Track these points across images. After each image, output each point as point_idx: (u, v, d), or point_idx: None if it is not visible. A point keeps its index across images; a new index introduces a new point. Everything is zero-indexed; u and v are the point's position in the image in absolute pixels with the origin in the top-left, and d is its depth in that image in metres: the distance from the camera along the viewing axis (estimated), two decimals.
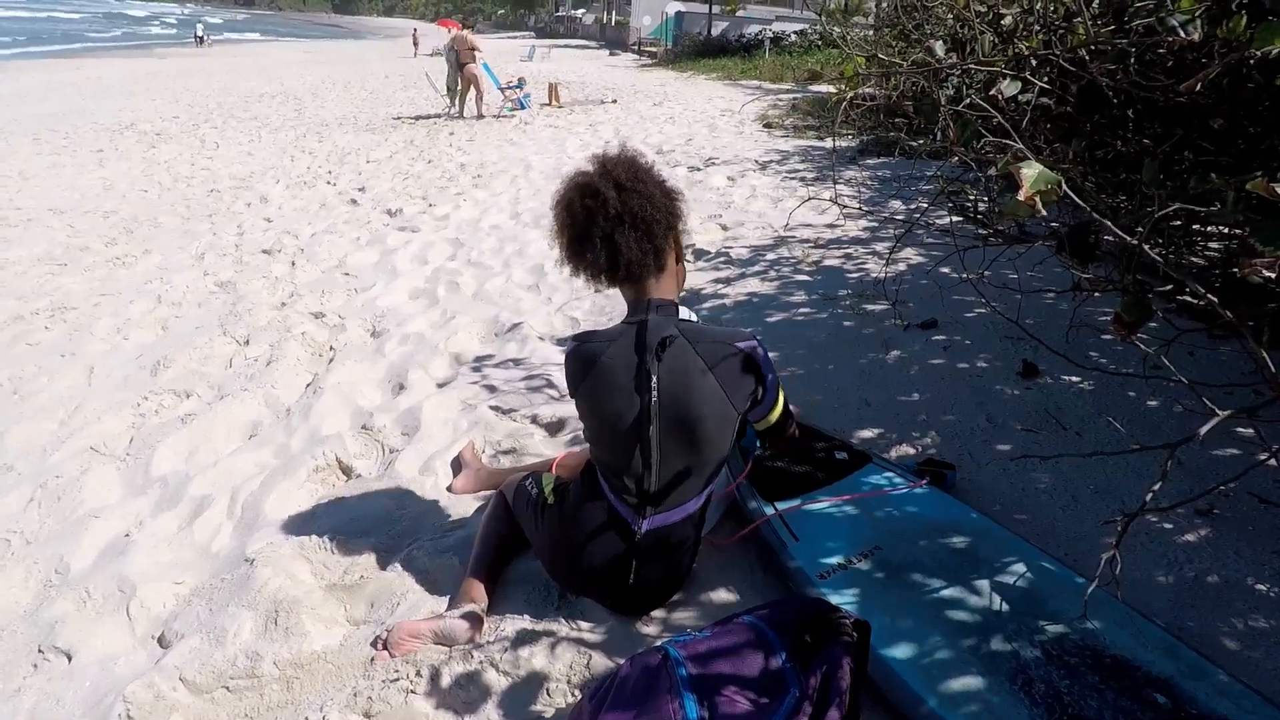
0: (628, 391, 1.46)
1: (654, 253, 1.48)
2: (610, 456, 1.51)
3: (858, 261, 3.80)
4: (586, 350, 1.52)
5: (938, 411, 2.34)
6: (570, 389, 1.56)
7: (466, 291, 3.84)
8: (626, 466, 1.48)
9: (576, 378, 1.53)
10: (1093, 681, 1.27)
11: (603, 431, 1.51)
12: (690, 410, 1.45)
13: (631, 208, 1.44)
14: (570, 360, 1.54)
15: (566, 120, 10.02)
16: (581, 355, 1.52)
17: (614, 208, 1.43)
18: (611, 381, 1.47)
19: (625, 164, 1.49)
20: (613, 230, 1.44)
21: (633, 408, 1.46)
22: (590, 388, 1.50)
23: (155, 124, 10.54)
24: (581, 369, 1.51)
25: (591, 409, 1.52)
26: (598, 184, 1.45)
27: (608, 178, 1.46)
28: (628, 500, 1.50)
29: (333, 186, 6.51)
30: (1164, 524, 1.78)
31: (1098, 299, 2.73)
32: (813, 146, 7.24)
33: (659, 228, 1.47)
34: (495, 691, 1.44)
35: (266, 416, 2.68)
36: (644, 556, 1.52)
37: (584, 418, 1.57)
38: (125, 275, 4.36)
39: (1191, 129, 1.87)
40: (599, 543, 1.52)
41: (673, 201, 1.51)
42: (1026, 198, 0.99)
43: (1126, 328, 1.22)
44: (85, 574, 1.91)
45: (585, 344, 1.53)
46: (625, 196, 1.44)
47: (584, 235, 1.46)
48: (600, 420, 1.51)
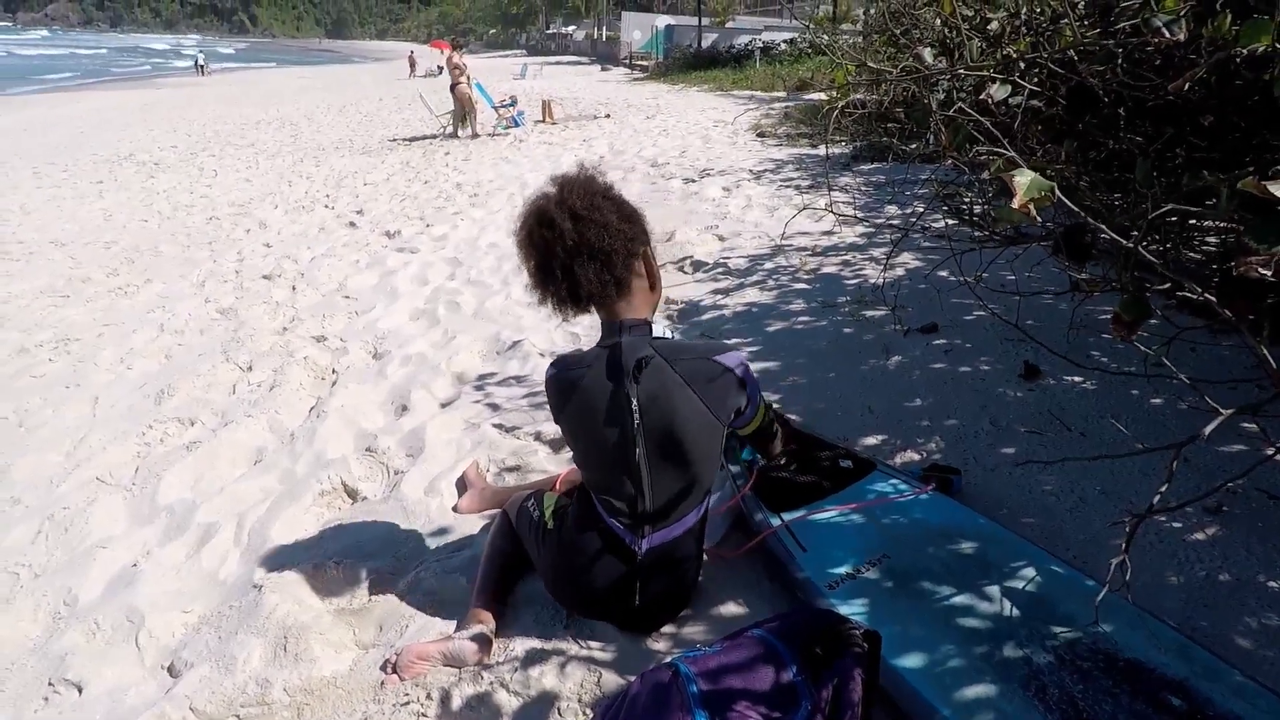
0: (609, 416, 1.45)
1: (614, 283, 1.44)
2: (601, 479, 1.51)
3: (855, 268, 3.81)
4: (565, 377, 1.51)
5: (941, 416, 2.34)
6: (554, 415, 1.56)
7: (467, 310, 3.85)
8: (618, 488, 1.48)
9: (558, 405, 1.53)
10: (1106, 685, 1.26)
11: (589, 456, 1.52)
12: (674, 428, 1.44)
13: (588, 239, 1.39)
14: (550, 388, 1.54)
15: (561, 136, 10.08)
16: (560, 382, 1.51)
17: (570, 239, 1.39)
18: (592, 406, 1.47)
19: (581, 189, 1.44)
20: (571, 262, 1.40)
21: (615, 431, 1.45)
22: (572, 414, 1.50)
23: (154, 154, 10.62)
24: (561, 396, 1.51)
25: (575, 434, 1.53)
26: (553, 213, 1.41)
27: (563, 206, 1.41)
28: (624, 521, 1.49)
29: (331, 210, 6.54)
30: (1173, 523, 1.77)
31: (1097, 298, 2.73)
32: (806, 154, 7.28)
33: (618, 257, 1.42)
34: (506, 712, 1.44)
35: (271, 442, 2.68)
36: (647, 575, 1.51)
37: (570, 443, 1.58)
38: (127, 305, 4.38)
39: (1182, 127, 1.88)
40: (600, 566, 1.52)
41: (632, 225, 1.46)
42: (1020, 205, 1.00)
43: (1126, 327, 1.22)
44: (94, 605, 1.91)
45: (563, 370, 1.52)
46: (581, 227, 1.39)
47: (545, 267, 1.43)
48: (585, 445, 1.51)
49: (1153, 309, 1.23)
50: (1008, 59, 1.96)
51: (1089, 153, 2.20)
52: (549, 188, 1.48)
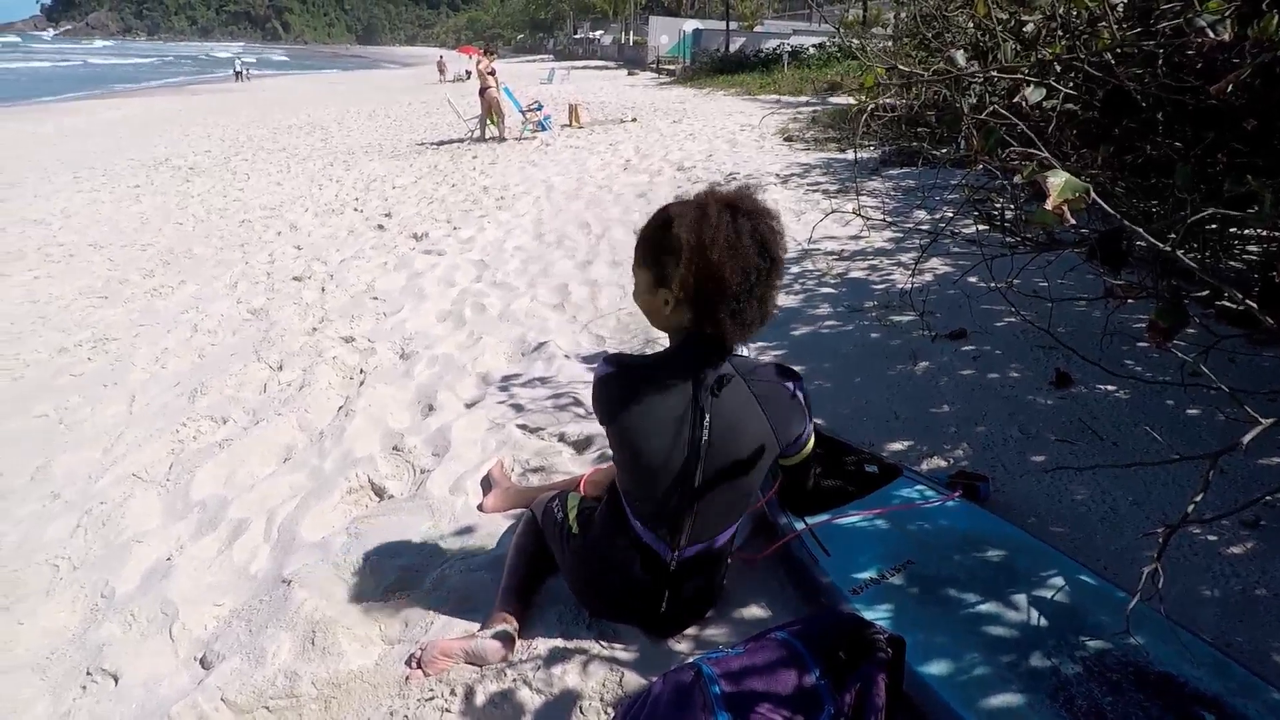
0: (676, 428, 1.38)
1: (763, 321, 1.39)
2: (644, 489, 1.44)
3: (883, 273, 3.78)
4: (630, 377, 1.42)
5: (969, 423, 2.31)
6: (604, 416, 1.45)
7: (492, 312, 3.89)
8: (662, 500, 1.42)
9: (614, 405, 1.41)
10: (1137, 699, 1.23)
11: (639, 464, 1.42)
12: (740, 449, 1.40)
13: (774, 283, 1.36)
14: (609, 385, 1.43)
15: (587, 140, 10.13)
16: (622, 383, 1.42)
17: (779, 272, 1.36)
18: (658, 415, 1.39)
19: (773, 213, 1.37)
20: (767, 294, 1.35)
21: (680, 445, 1.39)
22: (632, 419, 1.40)
23: (189, 158, 10.87)
24: (622, 397, 1.41)
25: (629, 441, 1.42)
26: (772, 245, 1.33)
27: (774, 235, 1.34)
28: (660, 534, 1.45)
29: (360, 213, 6.64)
30: (1208, 535, 1.74)
31: (1131, 306, 2.68)
32: (834, 159, 7.23)
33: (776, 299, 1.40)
34: (529, 710, 1.45)
35: (300, 440, 2.73)
36: (676, 584, 1.50)
37: (618, 448, 1.45)
38: (163, 306, 4.48)
39: (1224, 131, 1.84)
40: (628, 575, 1.50)
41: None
42: (1054, 207, 0.99)
43: (1162, 335, 1.20)
44: (130, 597, 1.96)
45: (628, 370, 1.43)
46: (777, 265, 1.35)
47: (746, 291, 1.31)
48: (637, 454, 1.41)
49: (1190, 316, 1.20)
50: (1043, 62, 1.94)
51: (1125, 157, 2.17)
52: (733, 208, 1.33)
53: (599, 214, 5.77)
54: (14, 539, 2.26)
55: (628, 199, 6.20)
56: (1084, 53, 1.91)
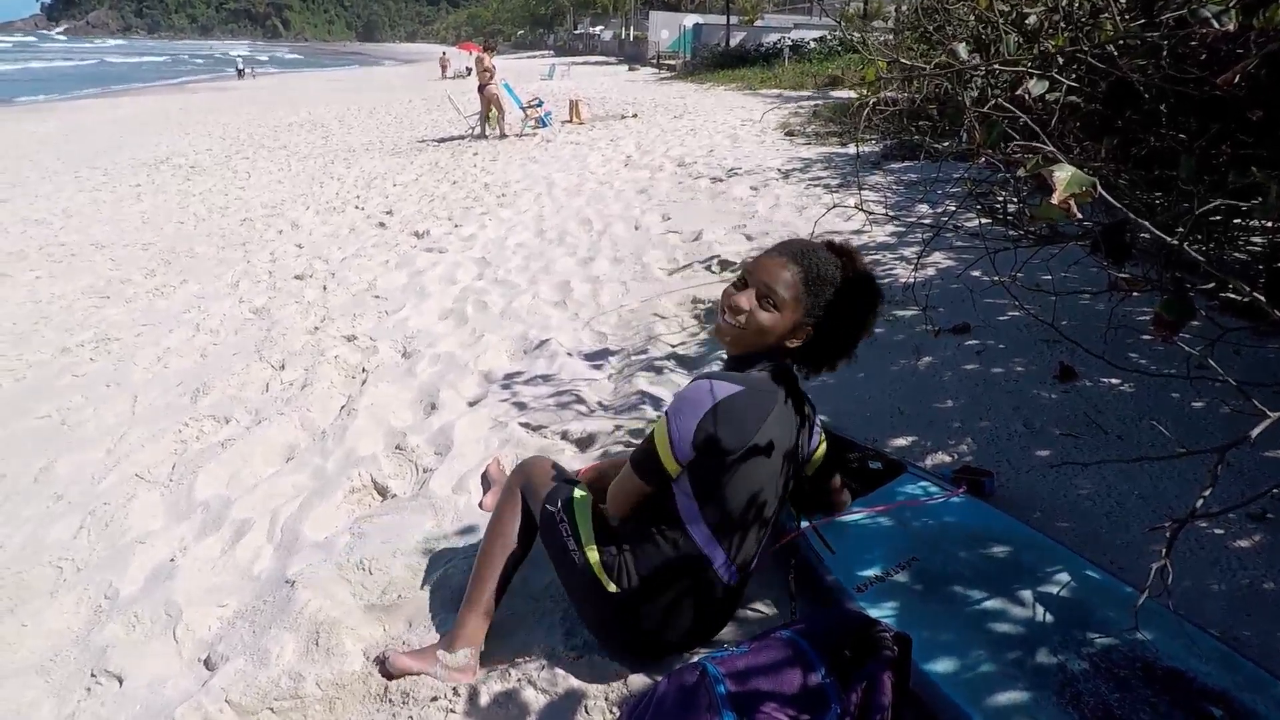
0: (789, 451, 1.46)
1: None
2: (742, 519, 1.40)
3: (886, 267, 3.76)
4: (759, 404, 1.39)
5: (973, 418, 2.30)
6: (734, 441, 1.36)
7: (494, 310, 3.88)
8: (753, 524, 1.42)
9: (748, 429, 1.36)
10: (1145, 694, 1.23)
11: (745, 493, 1.39)
12: (803, 466, 1.55)
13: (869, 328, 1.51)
14: (739, 405, 1.36)
15: (588, 136, 10.11)
16: (754, 406, 1.38)
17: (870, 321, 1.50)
18: (779, 439, 1.42)
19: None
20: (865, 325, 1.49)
21: (787, 467, 1.47)
22: (756, 444, 1.38)
23: (189, 157, 10.87)
24: (755, 421, 1.37)
25: (741, 471, 1.38)
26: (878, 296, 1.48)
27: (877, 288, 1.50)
28: (736, 560, 1.44)
29: (361, 211, 6.63)
30: (1215, 530, 1.73)
31: (1136, 299, 2.67)
32: (835, 153, 7.21)
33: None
34: (534, 710, 1.44)
35: (303, 439, 2.73)
36: (729, 602, 1.51)
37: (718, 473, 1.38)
38: (165, 305, 4.48)
39: (1229, 122, 1.83)
40: (694, 614, 1.46)
41: None
42: (1060, 201, 0.97)
43: (1168, 328, 1.19)
44: (134, 598, 1.96)
45: (748, 395, 1.38)
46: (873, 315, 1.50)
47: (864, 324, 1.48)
48: (748, 483, 1.39)
49: (1195, 308, 1.19)
50: (1045, 54, 1.92)
51: (1129, 150, 2.15)
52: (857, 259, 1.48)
53: (600, 210, 5.76)
54: (18, 541, 2.26)
55: (629, 195, 6.18)
56: (1087, 44, 1.89)
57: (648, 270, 4.23)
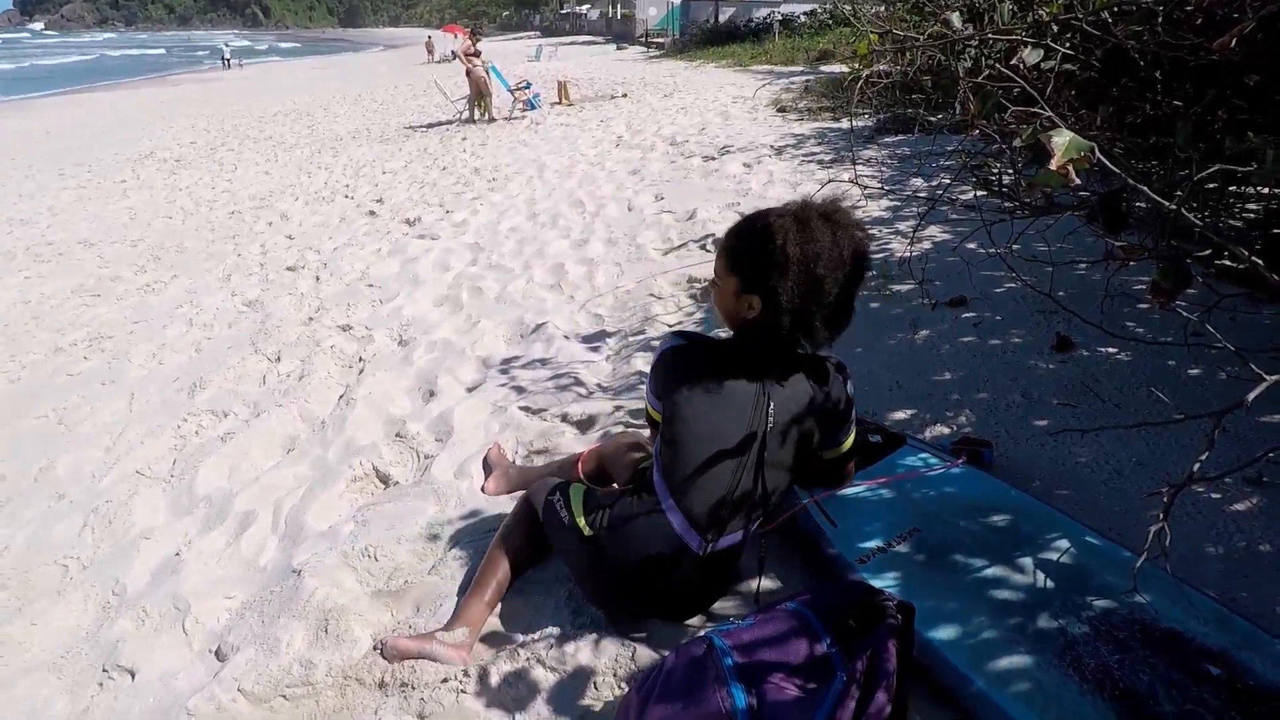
0: (738, 411, 1.40)
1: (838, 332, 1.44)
2: (691, 473, 1.41)
3: (881, 242, 3.76)
4: (696, 353, 1.45)
5: (971, 390, 2.32)
6: (662, 387, 1.46)
7: (489, 295, 3.87)
8: (708, 486, 1.41)
9: (675, 378, 1.44)
10: (1143, 655, 1.25)
11: (692, 445, 1.42)
12: (793, 438, 1.43)
13: (852, 293, 1.42)
14: (671, 358, 1.46)
15: (578, 118, 10.03)
16: (689, 357, 1.44)
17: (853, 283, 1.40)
18: (722, 396, 1.41)
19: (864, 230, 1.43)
20: (848, 299, 1.40)
21: (739, 429, 1.40)
22: (694, 396, 1.42)
23: (174, 151, 10.76)
24: (684, 372, 1.43)
25: (686, 419, 1.42)
26: (867, 258, 1.40)
27: (868, 247, 1.41)
28: (695, 520, 1.42)
29: (351, 200, 6.59)
30: (1212, 494, 1.74)
31: (1132, 268, 2.67)
32: (828, 128, 7.17)
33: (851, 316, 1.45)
34: (544, 688, 1.46)
35: (302, 430, 2.73)
36: (702, 574, 1.48)
37: (671, 423, 1.44)
38: (156, 301, 4.46)
39: (1225, 88, 1.82)
40: (654, 571, 1.46)
41: None
42: (1059, 167, 0.97)
43: (1165, 295, 1.19)
44: (141, 594, 1.97)
45: (696, 347, 1.46)
46: (856, 274, 1.40)
47: (843, 300, 1.39)
48: (692, 434, 1.42)
49: (1192, 274, 1.19)
50: (1040, 22, 1.91)
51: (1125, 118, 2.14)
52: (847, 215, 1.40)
53: (592, 192, 5.73)
54: (22, 541, 2.26)
55: (620, 176, 6.15)
56: (1081, 11, 1.88)
57: (642, 251, 4.22)
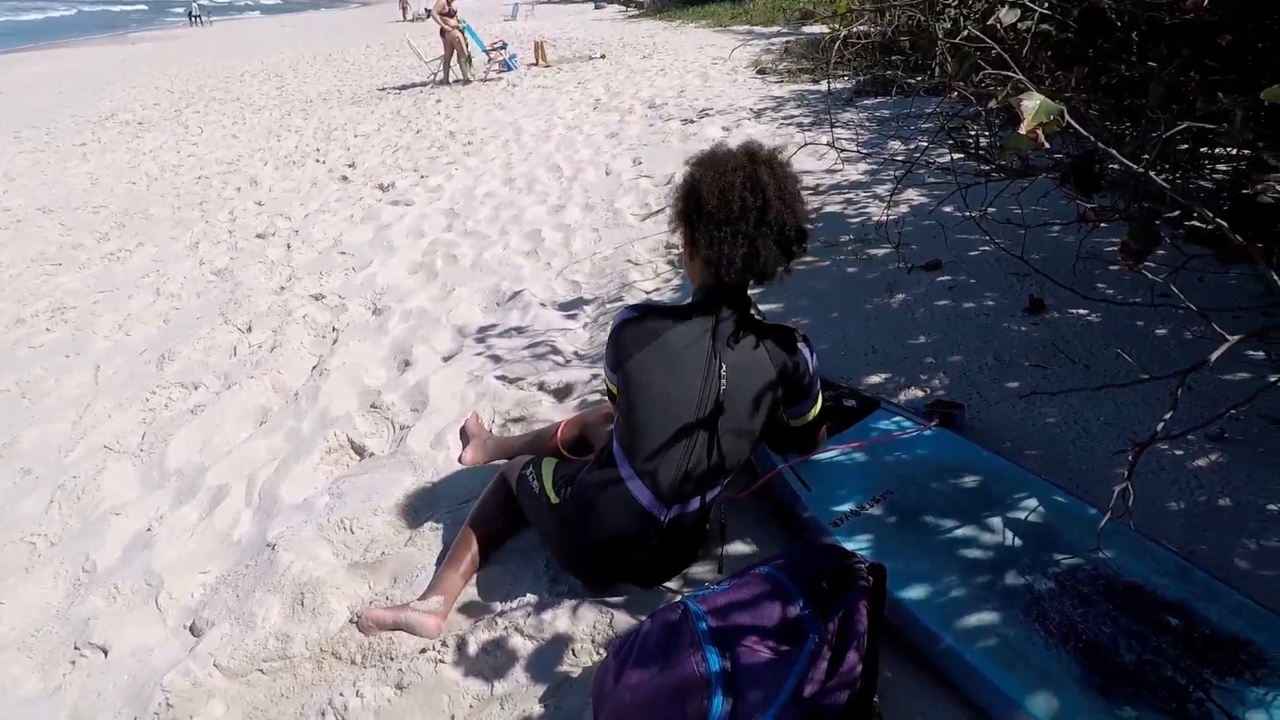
0: (691, 376, 1.41)
1: (778, 267, 1.44)
2: (646, 441, 1.43)
3: (859, 206, 3.74)
4: (648, 322, 1.46)
5: (945, 352, 2.33)
6: (615, 359, 1.49)
7: (465, 262, 3.82)
8: (665, 453, 1.41)
9: (630, 349, 1.46)
10: (1106, 609, 1.28)
11: (647, 413, 1.43)
12: (750, 403, 1.43)
13: (784, 221, 1.39)
14: (624, 330, 1.48)
15: (555, 79, 9.82)
16: (641, 326, 1.46)
17: (772, 215, 1.38)
18: (673, 362, 1.42)
19: (792, 179, 1.44)
20: (758, 235, 1.38)
21: (692, 394, 1.41)
22: (645, 363, 1.44)
23: (136, 112, 10.40)
24: (639, 341, 1.45)
25: (639, 386, 1.44)
26: (764, 187, 1.38)
27: (776, 187, 1.39)
28: (655, 489, 1.43)
29: (322, 164, 6.43)
30: (1175, 450, 1.78)
31: (1104, 230, 2.69)
32: (808, 90, 7.08)
33: (795, 249, 1.44)
34: (522, 655, 1.47)
35: (275, 402, 2.69)
36: (666, 542, 1.49)
37: (626, 393, 1.46)
38: (121, 270, 4.35)
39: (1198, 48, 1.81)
40: (616, 537, 1.47)
41: (804, 236, 1.45)
42: (1029, 131, 0.97)
43: (1134, 256, 1.20)
44: (112, 570, 1.95)
45: (648, 316, 1.48)
46: (784, 210, 1.39)
47: (730, 223, 1.37)
48: (647, 401, 1.43)
49: (1160, 236, 1.20)
50: None
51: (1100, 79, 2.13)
52: (745, 154, 1.43)
53: (570, 156, 5.64)
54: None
55: (598, 139, 6.05)
56: None
57: (620, 216, 4.17)
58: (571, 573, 1.62)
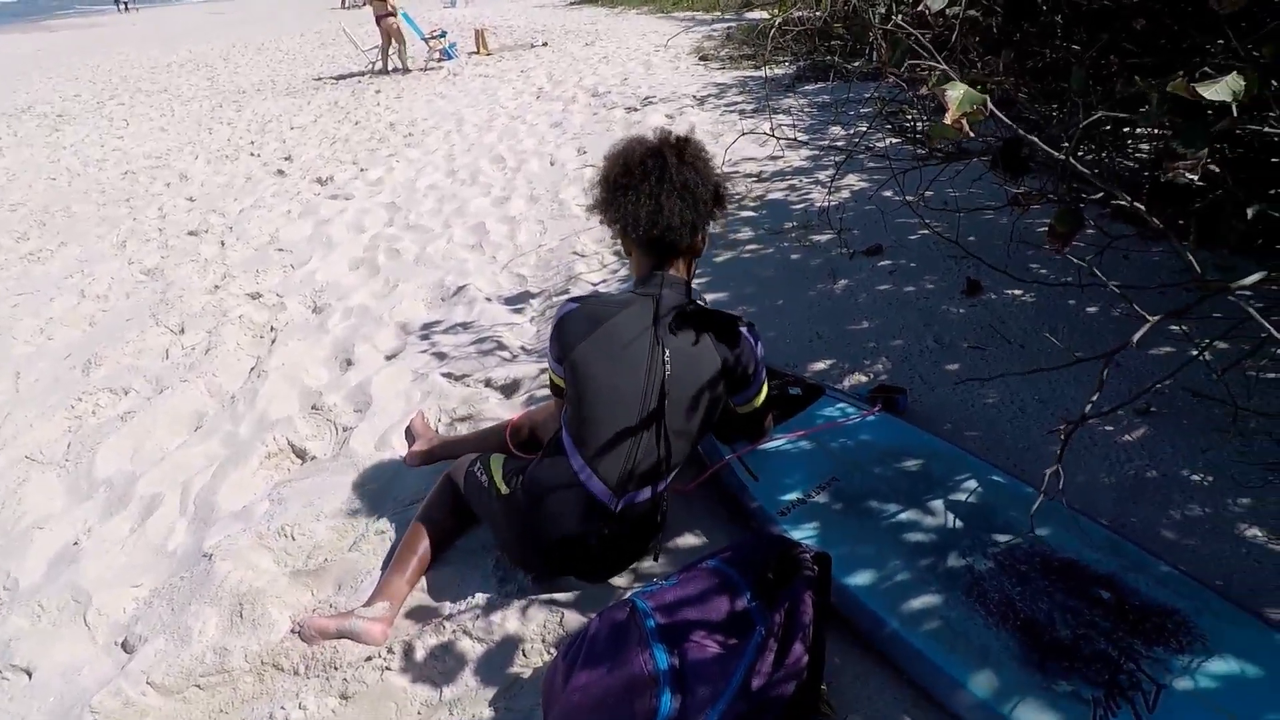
0: (634, 362, 1.42)
1: (691, 227, 1.48)
2: (595, 430, 1.43)
3: (802, 192, 3.77)
4: (591, 312, 1.48)
5: (887, 337, 2.37)
6: (560, 351, 1.50)
7: (408, 257, 3.73)
8: (613, 442, 1.41)
9: (573, 339, 1.47)
10: (1042, 586, 1.32)
11: (594, 402, 1.44)
12: (695, 389, 1.44)
13: (685, 177, 1.46)
14: (568, 321, 1.49)
15: (497, 68, 9.65)
16: (584, 316, 1.48)
17: (671, 172, 1.45)
18: (615, 350, 1.43)
19: (689, 140, 1.52)
20: (661, 190, 1.44)
21: (636, 381, 1.42)
22: (589, 353, 1.45)
23: (55, 105, 9.87)
24: (579, 332, 1.46)
25: (585, 376, 1.45)
26: (663, 149, 1.47)
27: (671, 145, 1.48)
28: (605, 478, 1.43)
29: (256, 158, 6.20)
30: (1106, 426, 1.84)
31: (1036, 210, 2.76)
32: (750, 77, 7.10)
33: (703, 205, 1.49)
34: (471, 659, 1.45)
35: (211, 406, 2.59)
36: (616, 532, 1.48)
37: (572, 384, 1.47)
38: (42, 271, 4.12)
39: (1116, 32, 1.86)
40: (567, 527, 1.46)
41: (719, 196, 1.54)
42: (954, 120, 0.97)
43: (1060, 239, 1.23)
44: (36, 587, 1.85)
45: (589, 305, 1.49)
46: (684, 168, 1.46)
47: (634, 186, 1.45)
48: (593, 389, 1.44)
49: (1085, 220, 1.23)
50: None
51: (1026, 63, 2.18)
52: (654, 134, 1.54)
53: (513, 146, 5.55)
54: None
55: (542, 129, 5.97)
56: None
57: (565, 207, 4.13)
58: (522, 566, 1.61)
